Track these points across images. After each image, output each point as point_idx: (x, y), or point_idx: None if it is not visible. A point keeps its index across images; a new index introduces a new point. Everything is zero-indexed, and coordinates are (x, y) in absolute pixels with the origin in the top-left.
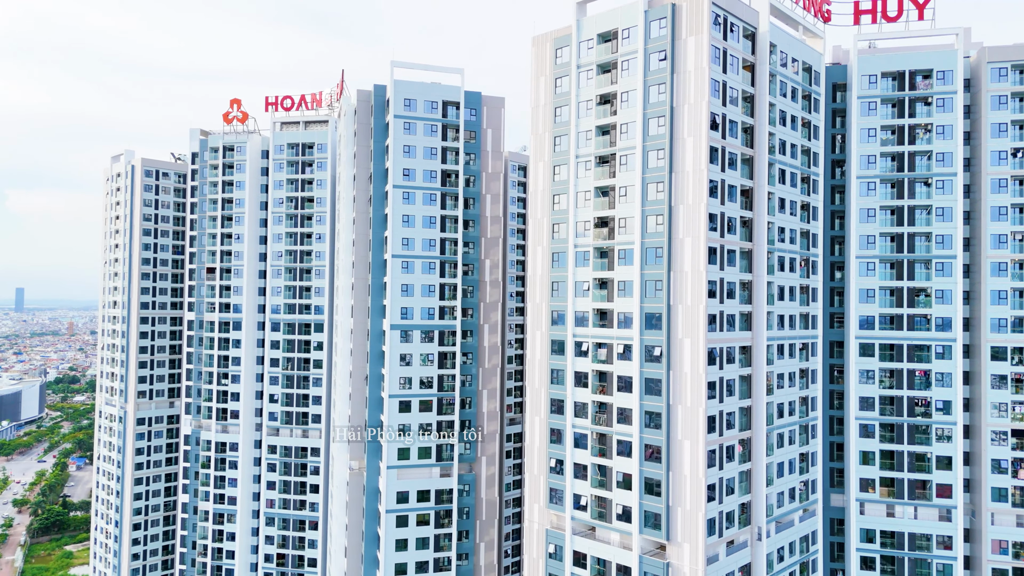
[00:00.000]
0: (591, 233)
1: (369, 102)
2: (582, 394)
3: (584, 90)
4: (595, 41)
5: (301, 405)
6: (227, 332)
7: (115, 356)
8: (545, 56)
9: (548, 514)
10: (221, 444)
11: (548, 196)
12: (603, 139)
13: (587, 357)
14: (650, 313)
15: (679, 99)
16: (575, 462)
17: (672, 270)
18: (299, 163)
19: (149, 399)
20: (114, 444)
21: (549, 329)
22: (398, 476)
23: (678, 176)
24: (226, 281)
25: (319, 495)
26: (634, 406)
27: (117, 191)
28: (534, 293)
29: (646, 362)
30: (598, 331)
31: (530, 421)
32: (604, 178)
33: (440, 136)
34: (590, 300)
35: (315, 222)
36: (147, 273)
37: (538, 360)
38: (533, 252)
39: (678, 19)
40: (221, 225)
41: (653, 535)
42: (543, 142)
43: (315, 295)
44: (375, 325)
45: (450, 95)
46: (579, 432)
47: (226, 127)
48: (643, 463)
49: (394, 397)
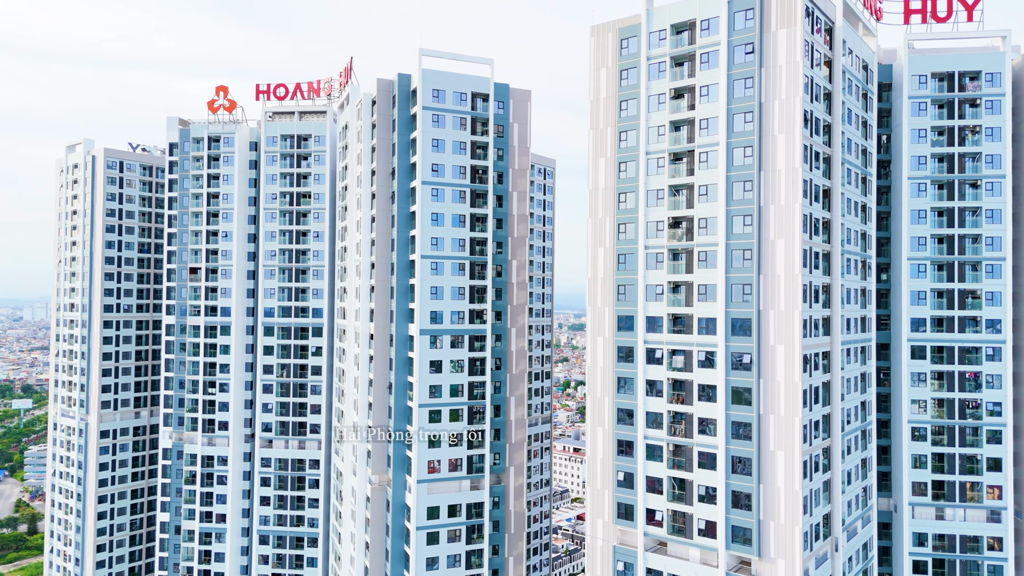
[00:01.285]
0: (665, 233)
1: (390, 92)
2: (655, 403)
3: (656, 83)
4: (668, 32)
5: (298, 414)
6: (214, 337)
7: (73, 363)
8: (607, 47)
9: (614, 529)
10: (207, 458)
11: (611, 194)
12: (678, 135)
13: (661, 365)
14: (737, 318)
15: (768, 94)
16: (648, 475)
17: (762, 273)
18: (294, 156)
19: (114, 410)
20: (72, 459)
21: (615, 335)
22: (428, 491)
23: (767, 175)
24: (212, 282)
25: (318, 510)
26: (719, 416)
27: (74, 183)
28: (595, 297)
29: (732, 370)
30: (675, 337)
31: (592, 432)
32: (681, 176)
33: (470, 130)
34: (665, 304)
35: (312, 219)
36: (111, 273)
37: (600, 367)
38: (593, 254)
39: (766, 11)
40: (207, 222)
41: (742, 551)
42: (604, 137)
43: (313, 297)
44: (400, 330)
45: (479, 87)
46: (652, 443)
47: (211, 116)
48: (729, 476)
49: (424, 407)
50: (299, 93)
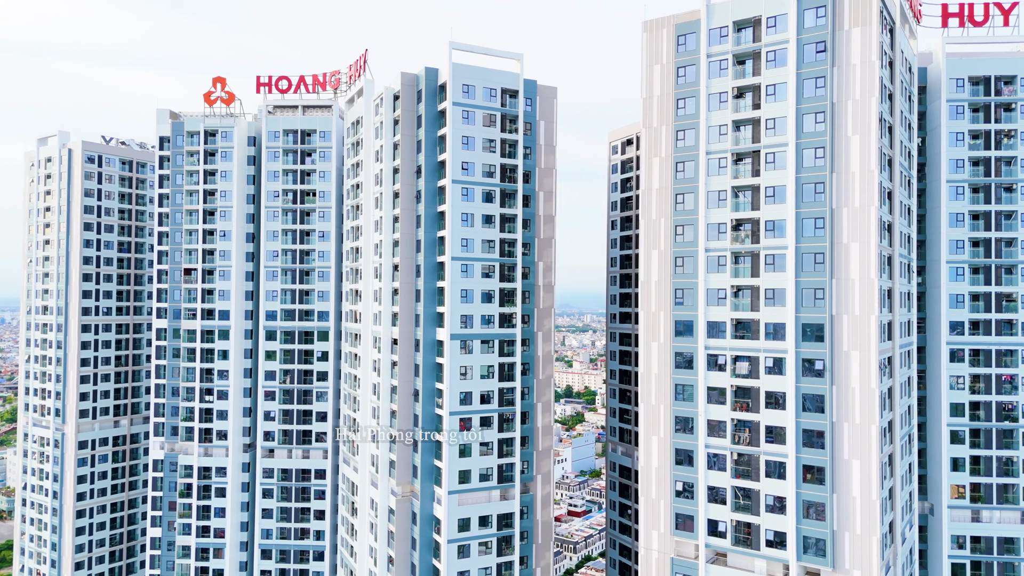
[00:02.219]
0: (728, 236)
1: (414, 87)
2: (717, 411)
3: (717, 81)
4: (730, 29)
5: (302, 422)
6: (211, 342)
7: (47, 370)
8: (660, 43)
9: (671, 541)
10: (204, 469)
11: (667, 195)
12: (742, 134)
13: (724, 371)
14: (808, 323)
15: (840, 94)
16: (709, 485)
17: (835, 277)
18: (297, 152)
19: (92, 419)
20: (46, 471)
21: (672, 340)
22: (459, 502)
23: (840, 177)
24: (209, 284)
25: (324, 522)
26: (788, 424)
27: (47, 178)
28: (648, 301)
29: (803, 376)
30: (739, 343)
31: (645, 441)
32: (745, 177)
33: (499, 127)
34: (728, 309)
35: (318, 218)
36: (90, 274)
37: (655, 374)
38: (647, 256)
39: (839, 9)
40: (203, 220)
41: (814, 562)
42: (658, 136)
43: (318, 300)
44: (428, 334)
45: (508, 82)
46: (714, 452)
47: (207, 109)
48: (800, 485)
49: (455, 414)
50: (303, 86)
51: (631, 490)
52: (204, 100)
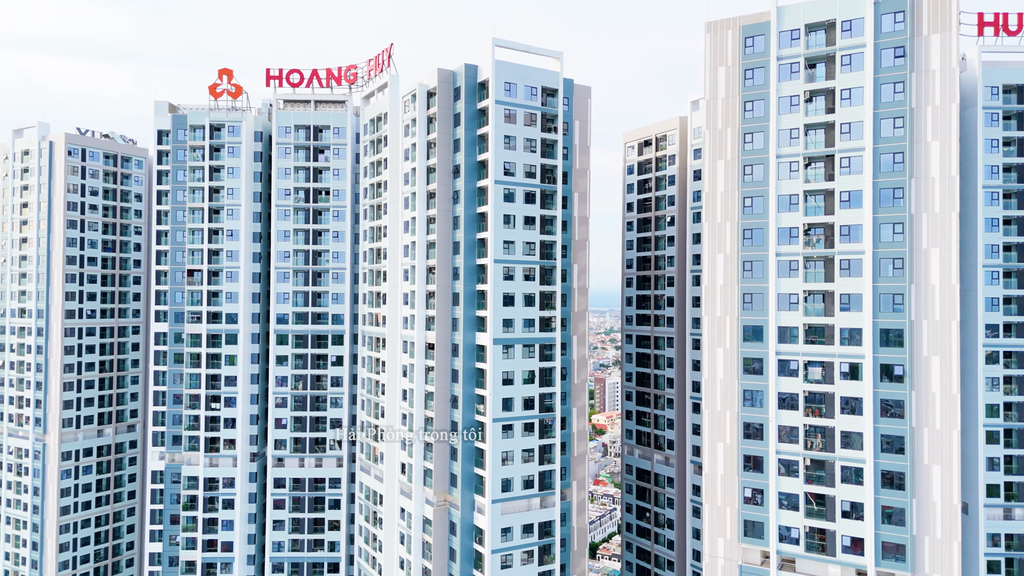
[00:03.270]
0: (800, 240)
1: (451, 84)
2: (789, 417)
3: (788, 84)
4: (802, 32)
5: (315, 430)
6: (218, 347)
7: (25, 376)
8: (725, 45)
9: (738, 548)
10: (209, 480)
11: (732, 198)
12: (814, 138)
13: (796, 377)
14: (886, 328)
15: (919, 99)
16: (780, 491)
17: (914, 282)
18: (310, 149)
19: (76, 428)
20: (25, 485)
21: (739, 346)
22: (502, 511)
23: (919, 182)
24: (215, 286)
25: (339, 532)
26: (866, 429)
27: (24, 172)
28: (713, 306)
29: (881, 381)
30: (811, 348)
31: (710, 447)
32: (818, 181)
33: (539, 127)
34: (800, 314)
35: (332, 218)
36: (73, 275)
37: (720, 379)
38: (711, 260)
39: (917, 14)
40: (209, 219)
41: (893, 567)
42: (724, 139)
43: (333, 303)
44: (468, 339)
45: (549, 81)
46: (785, 458)
47: (213, 102)
48: (879, 490)
49: (498, 421)
50: (316, 80)
51: (650, 493)
52: (209, 92)
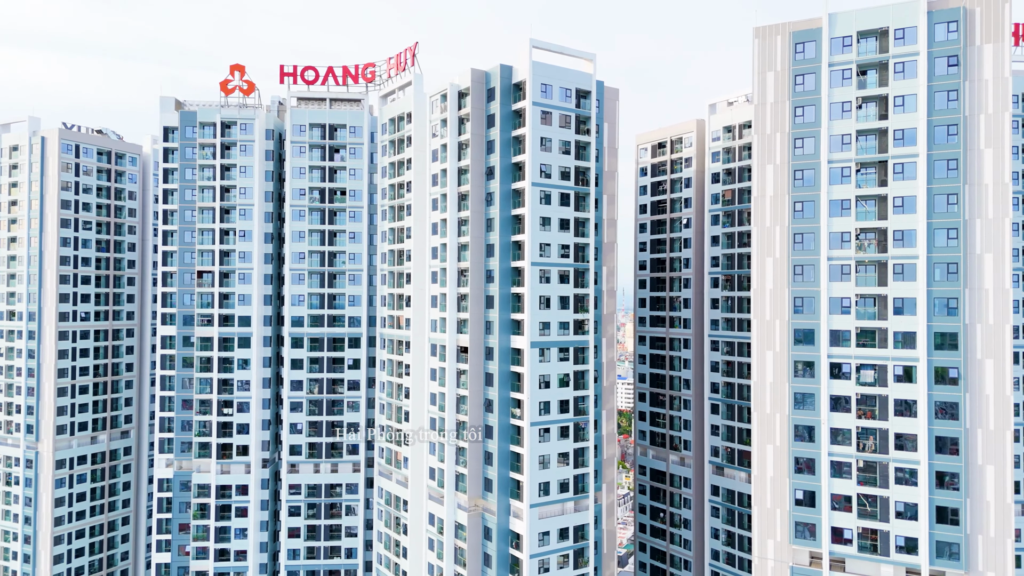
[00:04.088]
0: (852, 245)
1: (484, 85)
2: (841, 419)
3: (839, 91)
4: (854, 39)
5: (331, 435)
6: (230, 350)
7: (15, 382)
8: (775, 50)
9: (789, 549)
10: (222, 487)
11: (781, 203)
12: (867, 144)
13: (848, 379)
14: (940, 332)
15: (972, 108)
16: (833, 493)
17: (968, 287)
18: (325, 148)
19: (70, 435)
20: (16, 495)
21: (789, 349)
22: (539, 515)
23: (973, 188)
24: (226, 288)
25: (356, 539)
26: (920, 431)
27: (12, 169)
28: (762, 309)
29: (936, 384)
30: (864, 351)
31: (759, 450)
32: (871, 187)
33: (574, 129)
34: (852, 318)
35: (348, 218)
36: (67, 276)
37: (770, 383)
38: (760, 264)
39: (970, 24)
40: (220, 219)
41: (947, 565)
42: (772, 144)
43: (349, 305)
44: (503, 342)
45: (582, 83)
46: (838, 460)
47: (224, 99)
48: (933, 491)
49: (535, 425)
50: (332, 78)
51: (665, 493)
52: (221, 89)
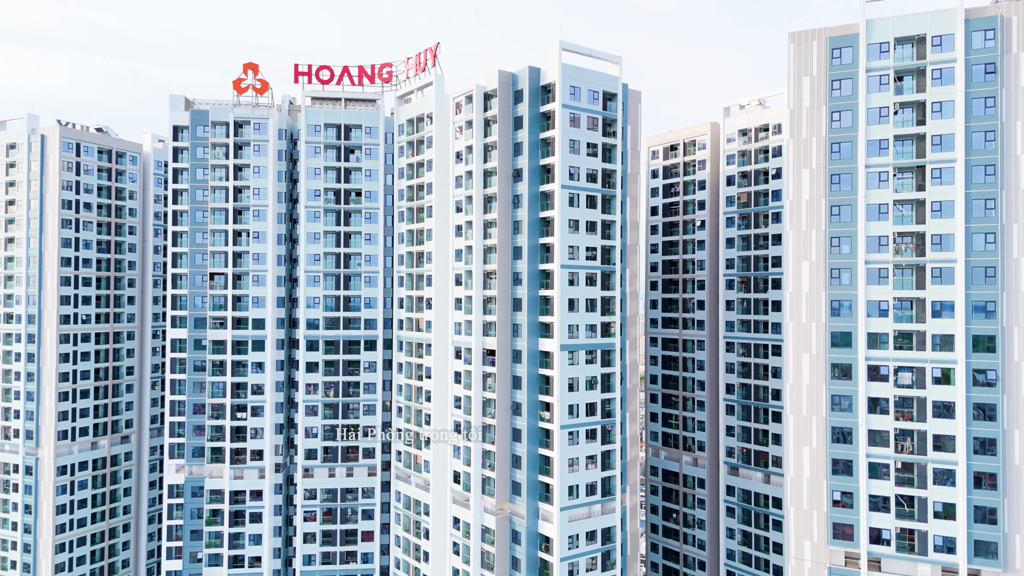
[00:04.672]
0: (889, 249)
1: (511, 87)
2: (879, 421)
3: (876, 96)
4: (891, 45)
5: (347, 438)
6: (244, 353)
7: (13, 386)
8: (811, 55)
9: (826, 550)
10: (236, 493)
11: (818, 207)
12: (904, 149)
13: (886, 382)
14: (978, 335)
15: (1009, 114)
16: (871, 494)
17: (1005, 291)
18: (341, 148)
19: (71, 440)
20: (14, 502)
21: (826, 352)
22: (569, 518)
23: (1010, 194)
24: (240, 290)
25: (373, 543)
26: (958, 432)
27: (10, 167)
28: (799, 312)
29: (973, 386)
30: (902, 354)
31: (795, 451)
32: (908, 191)
33: (601, 131)
34: (890, 321)
35: (364, 220)
36: (68, 277)
37: (806, 385)
38: (796, 268)
39: (1007, 32)
40: (233, 220)
41: (984, 564)
42: (808, 148)
43: (365, 307)
44: (531, 345)
45: (609, 85)
46: (875, 462)
47: (238, 98)
48: (971, 491)
49: (565, 428)
50: (348, 77)
51: (678, 494)
52: (234, 88)
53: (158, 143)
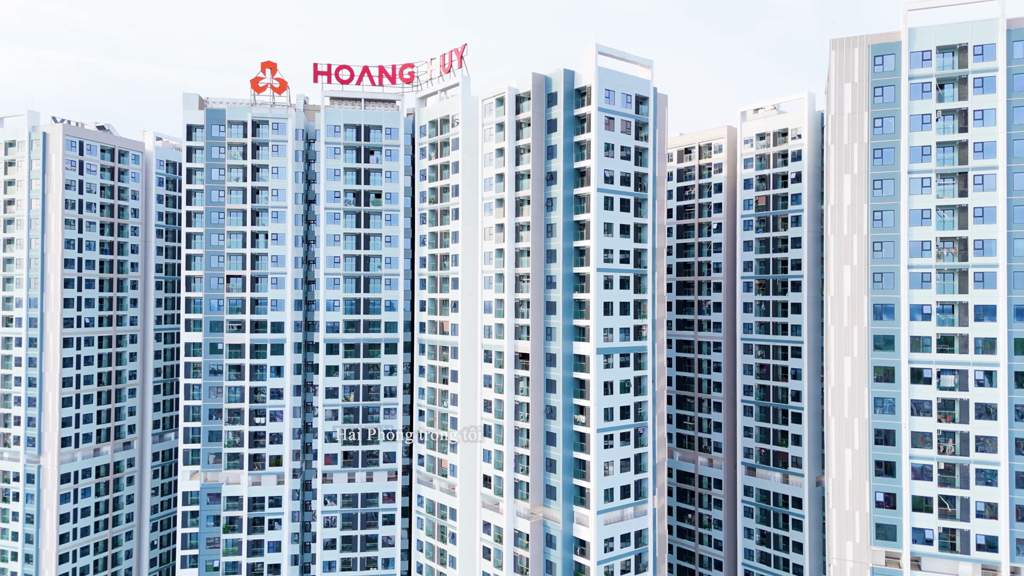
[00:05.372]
0: (932, 253)
1: (545, 89)
2: (922, 423)
3: (919, 103)
4: (933, 53)
5: (369, 443)
6: (262, 357)
7: (12, 392)
8: (852, 62)
9: (868, 551)
10: (254, 500)
11: (859, 212)
12: (946, 155)
13: (929, 384)
14: (1020, 338)
15: None
16: (913, 494)
17: None
18: (360, 149)
19: (75, 447)
20: (15, 512)
21: (868, 355)
22: (604, 521)
23: None
24: (259, 292)
25: (393, 549)
26: (1001, 434)
27: (9, 166)
28: (840, 316)
29: (1016, 388)
30: (945, 356)
31: (837, 453)
32: (951, 197)
33: (633, 135)
34: (933, 324)
35: (384, 222)
36: (71, 279)
37: (847, 388)
38: (837, 272)
39: None
40: (252, 222)
41: None
42: (849, 154)
43: (386, 310)
44: (566, 349)
45: (641, 88)
46: (918, 463)
47: (256, 97)
48: (1013, 491)
49: (601, 431)
50: (368, 78)
51: (693, 495)
52: (251, 87)
53: (158, 141)
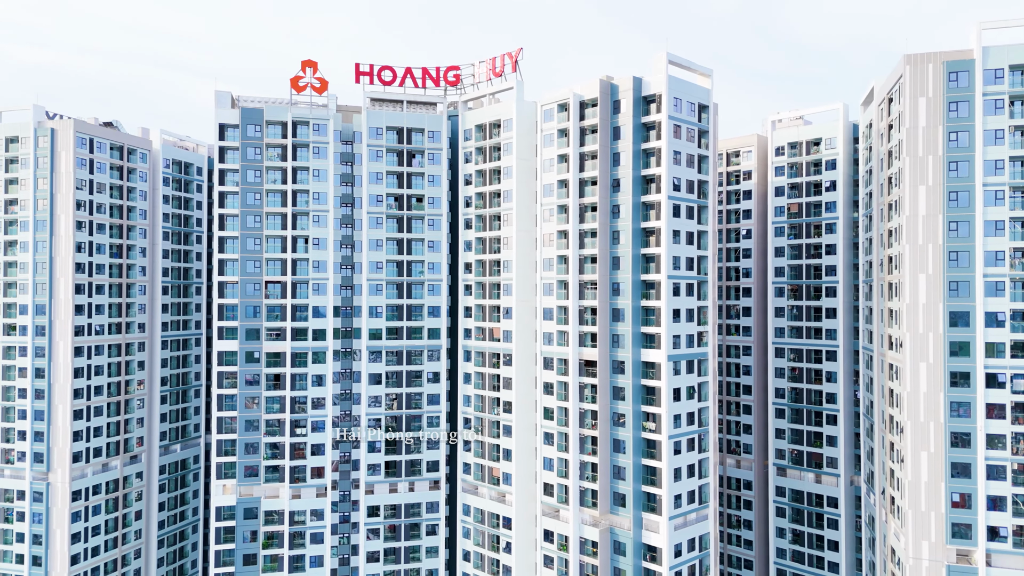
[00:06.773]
0: (1006, 262)
1: (609, 96)
2: (997, 426)
3: (992, 119)
4: (1006, 71)
5: (412, 452)
6: (303, 366)
7: (15, 404)
8: (926, 78)
9: (944, 549)
10: (295, 514)
11: (934, 222)
12: (1019, 169)
13: (1004, 388)
14: None
15: None
16: (988, 495)
17: None
18: (403, 153)
19: (86, 462)
20: (20, 533)
21: (944, 361)
22: (674, 527)
23: None
24: (299, 299)
25: (437, 559)
26: None
27: (12, 163)
28: (915, 323)
29: None
30: (1019, 362)
31: (913, 456)
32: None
33: (697, 142)
34: (1007, 331)
35: (427, 227)
36: (82, 285)
37: (924, 393)
38: (913, 280)
39: None
40: (292, 226)
41: None
42: (924, 166)
43: (429, 316)
44: (635, 356)
45: (703, 97)
46: (993, 464)
47: (296, 96)
48: None
49: (672, 438)
50: (411, 79)
51: (721, 496)
52: (291, 86)
53: (166, 138)
